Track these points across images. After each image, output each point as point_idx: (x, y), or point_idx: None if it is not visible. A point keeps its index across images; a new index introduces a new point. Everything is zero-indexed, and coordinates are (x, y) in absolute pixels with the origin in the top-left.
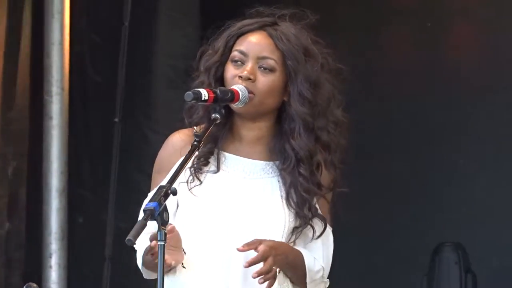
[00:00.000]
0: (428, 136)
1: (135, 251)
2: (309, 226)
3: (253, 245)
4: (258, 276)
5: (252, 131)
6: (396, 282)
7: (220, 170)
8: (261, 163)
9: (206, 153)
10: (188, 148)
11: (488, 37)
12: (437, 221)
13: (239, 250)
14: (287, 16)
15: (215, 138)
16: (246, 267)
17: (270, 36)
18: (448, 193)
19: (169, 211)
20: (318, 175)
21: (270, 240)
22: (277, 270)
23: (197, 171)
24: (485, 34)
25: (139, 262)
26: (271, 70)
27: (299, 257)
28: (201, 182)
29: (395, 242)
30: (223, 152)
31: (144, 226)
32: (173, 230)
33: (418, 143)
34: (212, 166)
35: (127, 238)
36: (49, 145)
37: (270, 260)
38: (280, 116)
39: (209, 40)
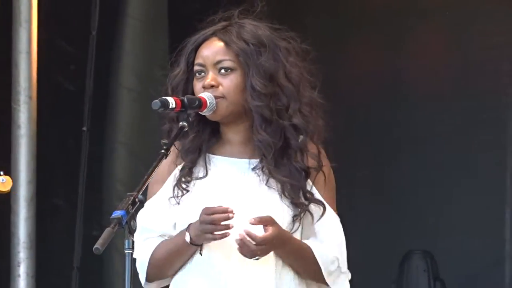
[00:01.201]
0: (396, 144)
1: (104, 260)
2: (307, 213)
3: (265, 222)
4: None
5: (238, 134)
6: None
7: (209, 173)
8: (250, 161)
9: (188, 163)
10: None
11: (455, 42)
12: (405, 229)
13: (250, 222)
14: (236, 15)
15: (198, 148)
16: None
17: (221, 39)
18: (416, 201)
19: (168, 223)
20: (301, 161)
21: (278, 227)
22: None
23: (181, 183)
24: (452, 39)
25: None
26: (231, 69)
27: (306, 249)
28: (188, 191)
29: (364, 250)
30: (212, 155)
31: (112, 234)
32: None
33: (385, 150)
34: (200, 173)
35: (94, 246)
36: (17, 154)
37: (266, 247)
38: None
39: (171, 63)
